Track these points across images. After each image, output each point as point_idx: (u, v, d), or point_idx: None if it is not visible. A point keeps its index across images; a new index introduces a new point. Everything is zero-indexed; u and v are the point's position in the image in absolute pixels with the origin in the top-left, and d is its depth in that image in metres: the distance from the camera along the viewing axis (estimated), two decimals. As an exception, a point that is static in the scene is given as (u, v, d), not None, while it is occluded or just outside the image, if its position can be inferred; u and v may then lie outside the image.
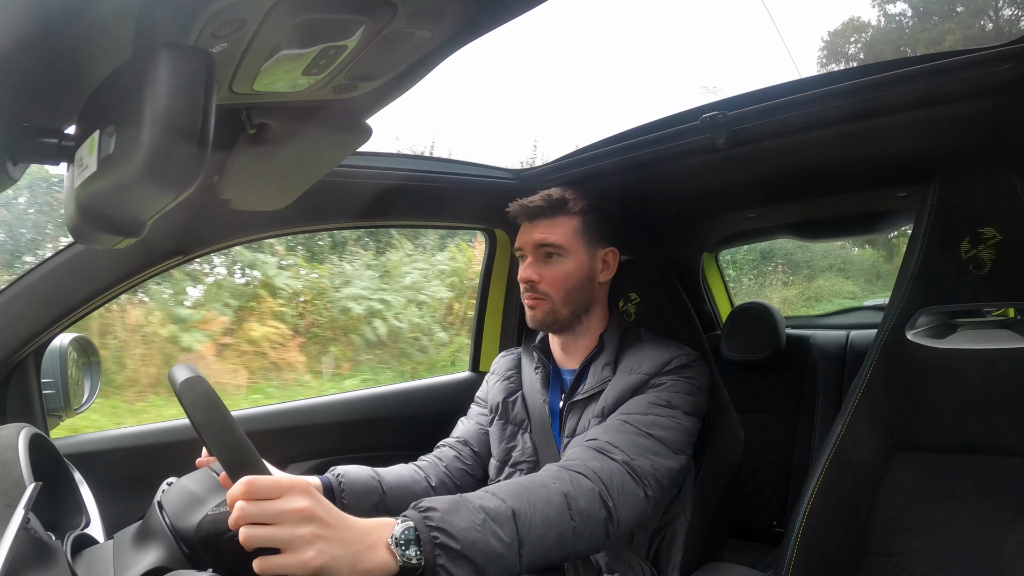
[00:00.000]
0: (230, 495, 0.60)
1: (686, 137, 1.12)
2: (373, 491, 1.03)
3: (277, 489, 0.60)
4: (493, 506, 0.74)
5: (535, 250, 1.13)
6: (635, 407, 1.01)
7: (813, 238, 2.30)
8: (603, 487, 0.84)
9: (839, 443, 1.02)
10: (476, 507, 0.72)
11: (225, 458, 0.62)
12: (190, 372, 0.66)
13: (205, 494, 0.75)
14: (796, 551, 0.96)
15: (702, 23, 29.29)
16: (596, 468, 0.86)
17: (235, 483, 0.60)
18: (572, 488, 0.82)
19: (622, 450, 0.91)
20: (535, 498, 0.77)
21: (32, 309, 1.05)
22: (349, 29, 0.54)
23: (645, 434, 0.95)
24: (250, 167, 0.85)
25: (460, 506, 0.72)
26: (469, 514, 0.71)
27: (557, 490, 0.80)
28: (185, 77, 0.41)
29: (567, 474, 0.84)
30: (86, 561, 0.74)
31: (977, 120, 0.96)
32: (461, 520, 0.69)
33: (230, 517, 0.61)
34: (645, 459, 0.92)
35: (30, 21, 0.41)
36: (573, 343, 1.16)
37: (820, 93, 0.96)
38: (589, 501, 0.82)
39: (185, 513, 0.73)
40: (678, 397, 1.02)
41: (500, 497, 0.76)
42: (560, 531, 0.78)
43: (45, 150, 0.52)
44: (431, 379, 1.78)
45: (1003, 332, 0.95)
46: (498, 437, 1.20)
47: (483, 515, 0.71)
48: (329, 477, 1.02)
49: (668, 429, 0.98)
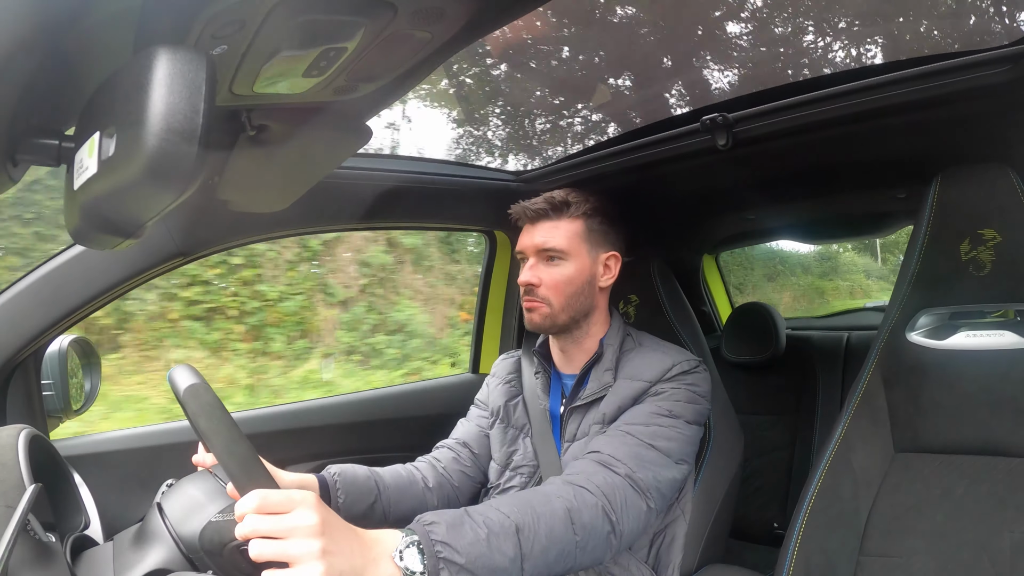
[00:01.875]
0: (239, 508, 0.61)
1: (687, 139, 1.12)
2: (370, 491, 1.03)
3: (288, 504, 0.61)
4: (497, 520, 0.74)
5: (536, 253, 1.12)
6: (637, 417, 1.01)
7: (814, 239, 2.30)
8: (606, 501, 0.86)
9: (839, 444, 1.01)
10: (480, 521, 0.73)
11: (232, 470, 0.62)
12: (193, 378, 0.66)
13: (207, 499, 0.75)
14: (796, 552, 0.96)
15: (702, 25, 29.12)
16: (599, 482, 0.87)
17: (244, 496, 0.61)
18: (576, 502, 0.83)
19: (624, 463, 0.92)
20: (539, 513, 0.79)
21: (32, 310, 1.05)
22: (349, 31, 0.54)
23: (647, 445, 0.96)
24: (250, 169, 0.85)
25: (464, 520, 0.73)
26: (473, 528, 0.72)
27: (561, 505, 0.81)
28: (185, 78, 0.41)
29: (571, 488, 0.85)
30: (86, 562, 0.74)
31: (977, 121, 0.96)
32: (465, 535, 0.71)
33: (239, 529, 0.61)
34: (648, 471, 0.93)
35: (31, 22, 0.41)
36: (573, 348, 1.16)
37: (820, 95, 0.96)
38: (592, 516, 0.83)
39: (187, 518, 0.73)
40: (680, 406, 1.02)
41: (504, 512, 0.77)
42: (563, 545, 0.79)
43: (45, 151, 0.52)
44: (430, 381, 1.78)
45: (1003, 333, 0.95)
46: (499, 441, 1.19)
47: (487, 530, 0.73)
48: (326, 475, 1.01)
49: (670, 440, 0.98)
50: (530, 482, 1.13)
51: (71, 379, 1.18)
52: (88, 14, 0.45)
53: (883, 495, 0.98)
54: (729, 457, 1.22)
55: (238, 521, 0.61)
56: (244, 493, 0.61)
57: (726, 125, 1.05)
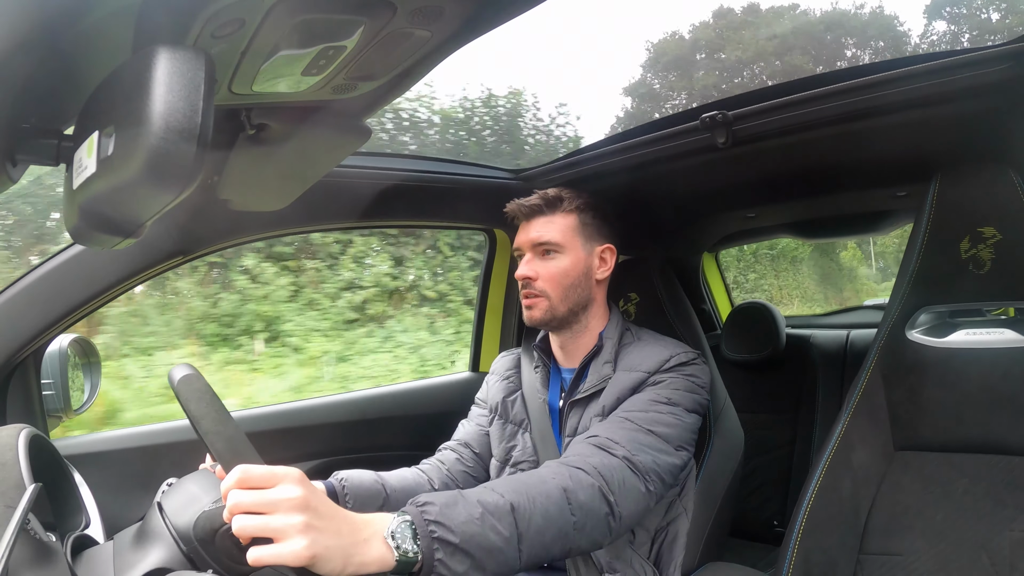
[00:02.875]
0: (224, 484, 0.60)
1: (686, 137, 1.12)
2: (376, 494, 1.03)
3: (270, 478, 0.60)
4: (491, 500, 0.73)
5: (532, 248, 1.13)
6: (636, 404, 1.01)
7: (813, 237, 2.30)
8: (603, 482, 0.84)
9: (839, 443, 1.02)
10: (474, 501, 0.72)
11: (218, 448, 0.62)
12: (188, 370, 0.67)
13: (203, 492, 0.75)
14: (796, 550, 0.96)
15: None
16: (596, 463, 0.86)
17: (228, 473, 0.60)
18: (571, 483, 0.81)
19: (623, 445, 0.91)
20: (534, 493, 0.77)
21: (32, 310, 1.05)
22: (348, 29, 0.54)
23: (646, 431, 0.95)
24: (250, 168, 0.85)
25: (458, 500, 0.71)
26: (467, 508, 0.71)
27: (556, 485, 0.80)
28: (184, 78, 0.41)
29: (566, 469, 0.84)
30: (86, 562, 0.74)
31: (977, 119, 0.96)
32: (459, 514, 0.69)
33: (225, 508, 0.61)
34: (646, 454, 0.92)
35: (30, 21, 0.41)
36: (572, 342, 1.16)
37: (820, 92, 0.96)
38: (589, 496, 0.82)
39: (183, 511, 0.73)
40: (678, 394, 1.02)
41: (499, 492, 0.76)
42: (560, 525, 0.78)
43: (44, 151, 0.52)
44: (431, 379, 1.78)
45: (1003, 331, 0.95)
46: (498, 437, 1.20)
47: (481, 509, 0.71)
48: (332, 482, 1.02)
49: (669, 426, 0.98)
50: None
51: (71, 379, 1.18)
52: (87, 13, 0.45)
53: (883, 493, 0.98)
54: (729, 455, 1.22)
55: (224, 501, 0.60)
56: (229, 471, 0.60)
57: (725, 123, 1.05)
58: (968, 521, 0.90)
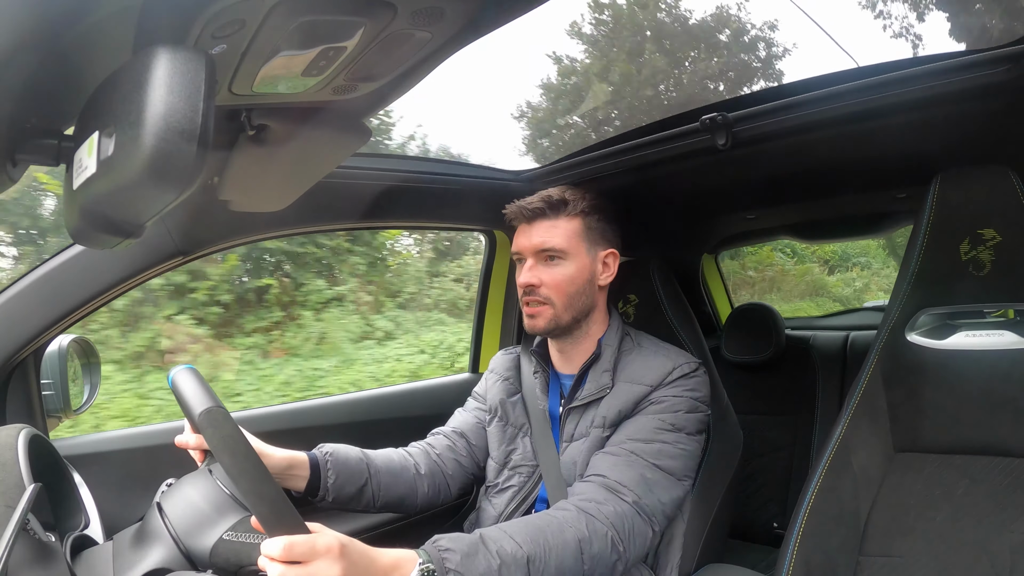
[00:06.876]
0: (266, 549, 0.65)
1: (687, 139, 1.12)
2: (360, 474, 1.05)
3: (312, 554, 0.65)
4: (510, 551, 0.79)
5: (535, 253, 1.10)
6: (641, 432, 1.01)
7: (813, 239, 2.30)
8: (615, 532, 0.90)
9: (839, 444, 1.01)
10: (494, 551, 0.78)
11: (261, 511, 0.65)
12: (207, 398, 0.68)
13: (215, 512, 0.76)
14: (796, 552, 0.96)
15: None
16: (608, 512, 0.91)
17: (272, 539, 0.65)
18: (587, 532, 0.87)
19: (632, 490, 0.95)
20: (551, 544, 0.83)
21: (32, 310, 1.05)
22: (349, 30, 0.54)
23: (652, 466, 0.98)
24: (250, 168, 0.85)
25: (478, 549, 0.77)
26: (487, 558, 0.76)
27: (572, 536, 0.85)
28: (184, 78, 0.41)
29: (583, 518, 0.88)
30: (86, 562, 0.74)
31: (976, 121, 0.96)
32: (478, 564, 0.75)
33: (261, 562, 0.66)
34: (653, 496, 0.96)
35: (30, 21, 0.41)
36: (571, 348, 1.15)
37: (820, 94, 0.96)
38: (601, 547, 0.88)
39: (197, 531, 0.74)
40: (682, 418, 1.03)
41: (517, 541, 0.81)
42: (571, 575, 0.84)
43: (44, 151, 0.52)
44: (432, 380, 1.78)
45: (1003, 333, 0.95)
46: (498, 439, 1.19)
47: (499, 560, 0.77)
48: (317, 454, 1.02)
49: (674, 457, 1.00)
50: (528, 481, 1.13)
51: (71, 379, 1.18)
52: (87, 13, 0.45)
53: (883, 495, 0.98)
54: (728, 457, 1.22)
55: (263, 564, 0.66)
56: (272, 534, 0.65)
57: (726, 125, 1.05)
58: (968, 523, 0.90)
